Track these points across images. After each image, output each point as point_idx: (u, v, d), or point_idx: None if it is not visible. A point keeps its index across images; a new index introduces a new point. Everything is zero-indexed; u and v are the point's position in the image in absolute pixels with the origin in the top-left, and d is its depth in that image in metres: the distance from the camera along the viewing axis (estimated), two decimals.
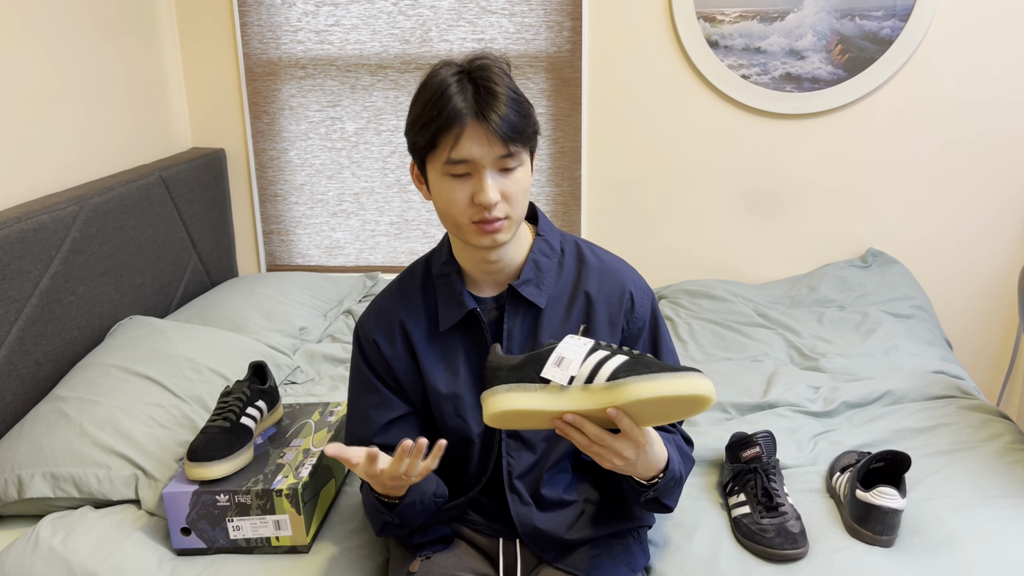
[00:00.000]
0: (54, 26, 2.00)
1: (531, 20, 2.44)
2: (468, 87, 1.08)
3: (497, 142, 1.07)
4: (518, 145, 1.09)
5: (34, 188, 1.94)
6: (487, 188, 1.08)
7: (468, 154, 1.07)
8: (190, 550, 1.40)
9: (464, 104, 1.06)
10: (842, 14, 2.30)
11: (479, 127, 1.07)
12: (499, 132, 1.06)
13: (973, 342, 2.53)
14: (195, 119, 2.65)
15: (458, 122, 1.06)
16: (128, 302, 2.10)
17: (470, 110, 1.06)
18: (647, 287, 1.28)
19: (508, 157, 1.09)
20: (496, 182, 1.09)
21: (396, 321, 1.25)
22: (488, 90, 1.07)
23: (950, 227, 2.45)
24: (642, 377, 0.95)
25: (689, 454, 1.27)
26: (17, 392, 1.72)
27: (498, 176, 1.10)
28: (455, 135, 1.06)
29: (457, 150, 1.07)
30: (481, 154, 1.07)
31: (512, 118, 1.07)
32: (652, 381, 0.95)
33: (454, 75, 1.09)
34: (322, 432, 1.55)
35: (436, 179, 1.12)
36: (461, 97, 1.07)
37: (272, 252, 2.76)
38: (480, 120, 1.06)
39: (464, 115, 1.06)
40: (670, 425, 1.27)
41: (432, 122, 1.07)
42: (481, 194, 1.08)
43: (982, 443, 1.61)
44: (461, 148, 1.07)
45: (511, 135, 1.08)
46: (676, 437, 1.27)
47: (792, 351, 2.09)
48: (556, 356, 1.00)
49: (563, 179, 2.57)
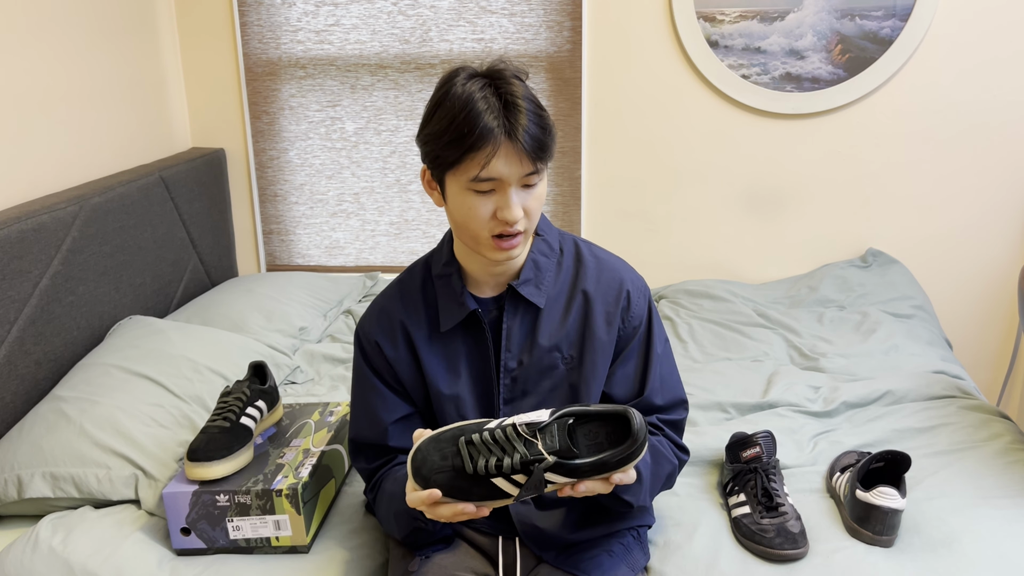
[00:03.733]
0: (54, 26, 2.00)
1: (531, 20, 2.44)
2: (494, 102, 1.06)
3: (527, 161, 1.07)
4: (543, 163, 1.10)
5: (34, 188, 1.94)
6: (512, 206, 1.09)
7: (498, 174, 1.07)
8: (190, 550, 1.40)
9: (495, 123, 1.05)
10: (842, 14, 2.30)
11: (510, 147, 1.06)
12: (528, 150, 1.06)
13: (973, 342, 2.53)
14: (195, 119, 2.65)
15: (491, 142, 1.05)
16: (128, 302, 2.10)
17: (501, 130, 1.05)
18: (644, 286, 1.28)
19: (533, 174, 1.10)
20: (519, 198, 1.10)
21: (397, 322, 1.25)
22: (515, 106, 1.07)
23: (950, 227, 2.45)
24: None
25: (666, 454, 1.25)
26: (17, 392, 1.72)
27: (521, 192, 1.10)
28: (487, 155, 1.06)
29: (488, 170, 1.06)
30: (510, 173, 1.08)
31: (537, 133, 1.07)
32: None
33: (478, 89, 1.07)
34: (322, 432, 1.55)
35: (457, 192, 1.11)
36: (492, 115, 1.05)
37: (272, 252, 2.76)
38: (511, 140, 1.06)
39: (497, 135, 1.05)
40: (653, 427, 1.27)
41: (462, 140, 1.06)
42: (506, 211, 1.09)
43: (982, 443, 1.61)
44: (492, 168, 1.07)
45: (539, 154, 1.08)
46: (657, 438, 1.26)
47: (792, 351, 2.09)
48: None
49: (563, 179, 2.56)
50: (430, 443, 1.04)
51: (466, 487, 1.03)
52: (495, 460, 1.01)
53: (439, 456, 1.03)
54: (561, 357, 1.23)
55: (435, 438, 1.05)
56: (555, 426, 1.01)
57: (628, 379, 1.26)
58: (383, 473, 1.28)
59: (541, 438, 1.01)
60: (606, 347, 1.24)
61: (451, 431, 1.05)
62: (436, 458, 1.03)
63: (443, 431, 1.05)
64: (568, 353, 1.23)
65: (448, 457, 1.03)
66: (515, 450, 1.01)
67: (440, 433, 1.05)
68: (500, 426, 1.03)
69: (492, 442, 1.02)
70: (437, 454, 1.03)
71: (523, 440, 1.01)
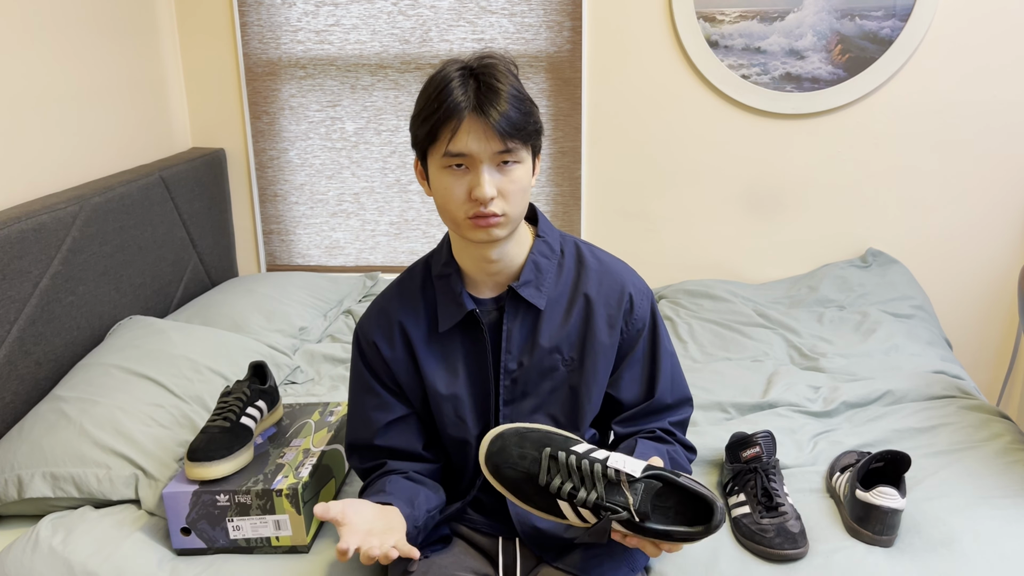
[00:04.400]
0: (54, 26, 2.00)
1: (531, 20, 2.44)
2: (470, 83, 1.09)
3: (495, 137, 1.08)
4: (516, 142, 1.10)
5: (34, 188, 1.94)
6: (483, 183, 1.09)
7: (465, 147, 1.08)
8: (190, 550, 1.40)
9: (464, 98, 1.08)
10: (842, 14, 2.30)
11: (477, 121, 1.08)
12: (497, 128, 1.07)
13: (973, 342, 2.53)
14: (195, 119, 2.65)
15: (456, 115, 1.07)
16: (128, 302, 2.10)
17: (469, 104, 1.08)
18: (646, 288, 1.28)
19: (506, 153, 1.10)
20: (493, 178, 1.10)
21: (395, 323, 1.25)
22: (490, 87, 1.09)
23: (950, 227, 2.45)
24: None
25: (683, 464, 1.27)
26: (17, 392, 1.72)
27: (495, 172, 1.11)
28: (452, 128, 1.08)
29: (454, 143, 1.08)
30: (478, 148, 1.08)
31: (512, 115, 1.08)
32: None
33: (458, 71, 1.10)
34: (322, 432, 1.55)
35: (435, 173, 1.13)
36: (462, 91, 1.08)
37: (272, 252, 2.76)
38: (479, 115, 1.07)
39: (463, 108, 1.07)
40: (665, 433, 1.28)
41: (432, 115, 1.09)
42: (477, 188, 1.09)
43: (982, 443, 1.61)
44: (458, 141, 1.08)
45: (510, 131, 1.08)
46: (672, 447, 1.27)
47: (792, 351, 2.09)
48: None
49: (563, 179, 2.56)
50: (513, 436, 1.04)
51: (531, 493, 1.03)
52: (571, 486, 1.01)
53: (518, 453, 1.03)
54: (561, 359, 1.23)
55: (520, 432, 1.04)
56: (642, 484, 1.01)
57: (636, 382, 1.27)
58: (375, 477, 1.28)
59: (623, 488, 1.01)
60: (608, 350, 1.24)
61: (538, 433, 1.05)
62: (515, 453, 1.03)
63: (531, 429, 1.05)
64: (569, 355, 1.23)
65: (527, 458, 1.03)
66: (594, 487, 1.01)
67: (528, 431, 1.05)
68: (589, 456, 1.03)
69: (576, 469, 1.02)
70: (516, 449, 1.03)
71: (606, 481, 1.01)
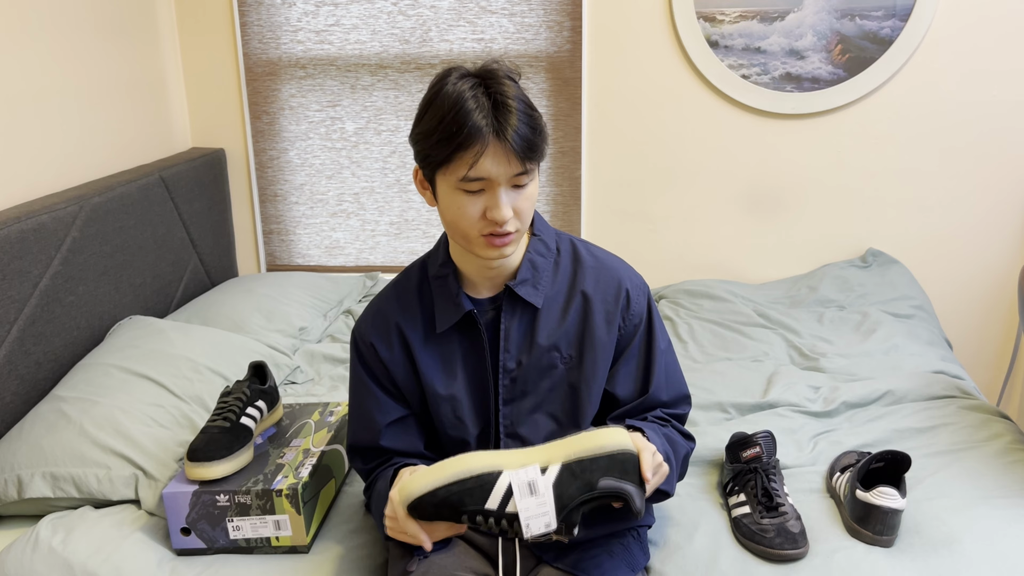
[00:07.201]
0: (54, 26, 2.00)
1: (531, 20, 2.44)
2: (484, 101, 1.06)
3: (515, 160, 1.07)
4: (533, 163, 1.10)
5: (34, 188, 1.94)
6: (502, 206, 1.08)
7: (486, 173, 1.07)
8: (190, 550, 1.40)
9: (484, 122, 1.05)
10: (842, 14, 2.30)
11: (499, 146, 1.06)
12: (517, 150, 1.06)
13: (973, 342, 2.53)
14: (195, 119, 2.65)
15: (479, 141, 1.05)
16: (128, 302, 2.10)
17: (490, 128, 1.05)
18: (643, 284, 1.28)
19: (523, 175, 1.09)
20: (509, 198, 1.09)
21: (393, 324, 1.25)
22: (504, 105, 1.06)
23: (950, 227, 2.44)
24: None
25: (680, 441, 1.27)
26: (17, 392, 1.72)
27: (511, 192, 1.10)
28: (475, 154, 1.05)
29: (476, 169, 1.06)
30: (498, 172, 1.07)
31: (527, 134, 1.07)
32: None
33: (469, 88, 1.07)
34: (322, 432, 1.55)
35: (447, 191, 1.11)
36: (480, 114, 1.05)
37: (272, 252, 2.76)
38: (499, 139, 1.06)
39: (485, 134, 1.05)
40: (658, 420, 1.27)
41: (450, 139, 1.06)
42: (495, 211, 1.08)
43: (982, 443, 1.61)
44: (480, 167, 1.06)
45: (528, 153, 1.08)
46: (668, 429, 1.26)
47: (792, 351, 2.09)
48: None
49: (563, 179, 2.57)
50: (427, 498, 1.02)
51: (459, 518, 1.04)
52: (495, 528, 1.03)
53: (433, 512, 1.03)
54: (560, 357, 1.23)
55: (433, 494, 1.02)
56: (562, 527, 1.02)
57: (631, 377, 1.26)
58: (378, 473, 1.29)
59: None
60: (606, 347, 1.24)
61: (452, 495, 1.01)
62: (430, 512, 1.03)
63: (440, 487, 1.02)
64: (567, 353, 1.23)
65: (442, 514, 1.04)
66: (515, 532, 1.02)
67: (437, 489, 1.02)
68: (503, 515, 1.01)
69: (494, 525, 1.02)
70: (431, 508, 1.02)
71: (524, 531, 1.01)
